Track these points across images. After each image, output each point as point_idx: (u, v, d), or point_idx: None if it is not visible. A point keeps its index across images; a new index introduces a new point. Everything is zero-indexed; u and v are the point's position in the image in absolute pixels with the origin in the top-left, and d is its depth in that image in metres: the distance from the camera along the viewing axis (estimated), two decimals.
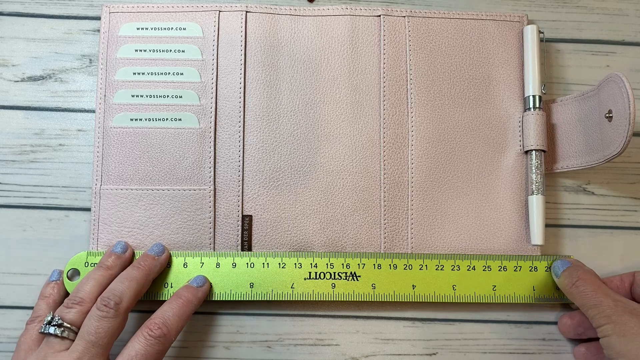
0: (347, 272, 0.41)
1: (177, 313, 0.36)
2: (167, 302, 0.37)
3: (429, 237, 0.42)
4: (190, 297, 0.37)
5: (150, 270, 0.38)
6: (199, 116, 0.42)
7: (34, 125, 0.43)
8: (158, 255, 0.39)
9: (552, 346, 0.42)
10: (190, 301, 0.37)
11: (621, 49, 0.46)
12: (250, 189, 0.42)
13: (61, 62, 0.44)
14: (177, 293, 0.38)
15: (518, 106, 0.44)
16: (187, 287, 0.38)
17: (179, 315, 0.36)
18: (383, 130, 0.43)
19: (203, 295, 0.38)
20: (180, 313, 0.36)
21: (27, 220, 0.42)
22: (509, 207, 0.42)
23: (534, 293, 0.41)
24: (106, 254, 0.39)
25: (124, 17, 0.43)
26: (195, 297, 0.38)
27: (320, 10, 0.44)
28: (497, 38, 0.44)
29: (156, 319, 0.35)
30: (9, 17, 0.44)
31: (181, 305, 0.37)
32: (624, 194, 0.44)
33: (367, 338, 0.42)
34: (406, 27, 0.44)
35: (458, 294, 0.41)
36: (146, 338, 0.34)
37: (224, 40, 0.43)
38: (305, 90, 0.43)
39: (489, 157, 0.43)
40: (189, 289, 0.38)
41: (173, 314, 0.36)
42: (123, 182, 0.41)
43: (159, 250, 0.39)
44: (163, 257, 0.39)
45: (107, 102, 0.42)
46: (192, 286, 0.38)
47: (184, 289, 0.38)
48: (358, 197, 0.42)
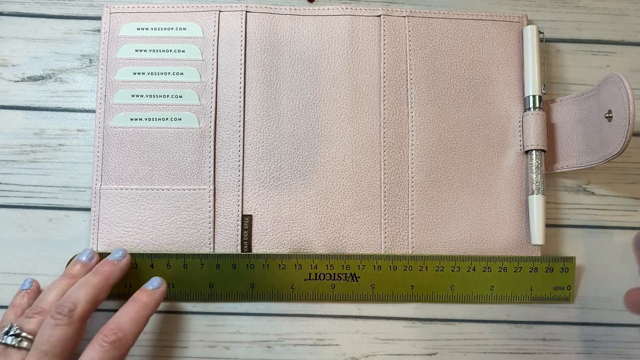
0: (347, 273, 0.41)
1: (132, 317, 0.35)
2: (122, 307, 0.36)
3: (430, 237, 0.42)
4: (146, 300, 0.37)
5: (109, 275, 0.37)
6: (199, 116, 0.42)
7: (34, 125, 0.43)
8: (118, 260, 0.38)
9: (552, 346, 0.42)
10: (146, 304, 0.36)
11: (621, 49, 0.46)
12: (250, 189, 0.42)
13: (61, 62, 0.44)
14: (132, 297, 0.37)
15: (518, 106, 0.44)
16: (143, 290, 0.38)
17: (135, 319, 0.35)
18: (383, 130, 0.43)
19: (160, 297, 0.38)
20: (136, 317, 0.35)
21: (27, 220, 0.42)
22: (509, 207, 0.42)
23: (531, 293, 0.41)
24: (72, 263, 0.39)
25: (124, 17, 0.43)
26: (152, 299, 0.37)
27: (320, 10, 0.44)
28: (497, 38, 0.44)
29: (111, 324, 0.35)
30: (9, 17, 0.44)
31: (137, 309, 0.36)
32: (624, 194, 0.44)
33: (367, 338, 0.42)
34: (406, 27, 0.44)
35: (456, 294, 0.41)
36: (101, 345, 0.33)
37: (224, 40, 0.43)
38: (305, 90, 0.43)
39: (489, 157, 0.43)
40: (145, 292, 0.37)
41: (128, 318, 0.35)
42: (123, 182, 0.41)
43: (119, 255, 0.39)
44: (123, 262, 0.38)
45: (107, 102, 0.42)
46: (147, 289, 0.38)
47: (140, 292, 0.37)
48: (358, 197, 0.42)
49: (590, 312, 0.43)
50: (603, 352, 0.42)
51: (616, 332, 0.43)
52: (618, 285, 0.43)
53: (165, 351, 0.41)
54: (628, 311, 0.38)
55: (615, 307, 0.43)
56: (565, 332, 0.42)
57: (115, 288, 0.40)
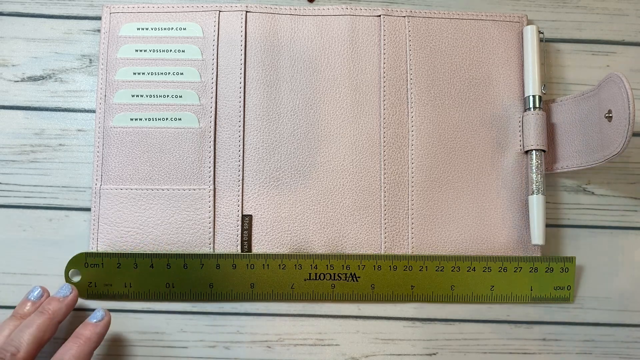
0: (347, 273, 0.41)
1: (75, 354, 0.35)
2: (64, 344, 0.36)
3: (430, 237, 0.42)
4: (88, 334, 0.36)
5: (55, 314, 0.36)
6: (199, 116, 0.42)
7: (34, 125, 0.43)
8: (64, 297, 0.38)
9: (552, 346, 0.42)
10: (89, 339, 0.36)
11: (621, 49, 0.46)
12: (250, 189, 0.42)
13: (61, 62, 0.44)
14: (75, 333, 0.36)
15: (518, 106, 0.44)
16: (85, 325, 0.37)
17: (77, 355, 0.35)
18: (383, 130, 0.43)
19: (103, 329, 0.37)
20: (79, 353, 0.35)
21: (27, 220, 0.42)
22: (509, 207, 0.42)
23: (531, 293, 0.41)
24: (21, 302, 0.38)
25: (124, 18, 0.43)
26: (94, 333, 0.36)
27: (320, 10, 0.44)
28: (497, 38, 0.44)
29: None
30: (9, 17, 0.44)
31: (79, 345, 0.35)
32: (624, 194, 0.44)
33: (367, 338, 0.42)
34: (406, 27, 0.44)
35: (456, 294, 0.41)
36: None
37: (224, 40, 0.43)
38: (305, 90, 0.43)
39: (489, 157, 0.43)
40: (87, 327, 0.37)
41: (70, 355, 0.35)
42: (123, 182, 0.41)
43: (65, 292, 0.38)
44: (70, 298, 0.38)
45: (107, 102, 0.42)
46: (90, 323, 0.37)
47: (82, 327, 0.37)
48: (358, 197, 0.42)
49: (590, 312, 0.43)
50: (603, 352, 0.42)
51: (616, 332, 0.43)
52: (618, 285, 0.43)
53: (165, 351, 0.41)
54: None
55: (615, 307, 0.43)
56: (565, 332, 0.42)
57: (115, 289, 0.40)
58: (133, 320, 0.41)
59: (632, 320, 0.43)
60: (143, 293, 0.40)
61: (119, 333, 0.41)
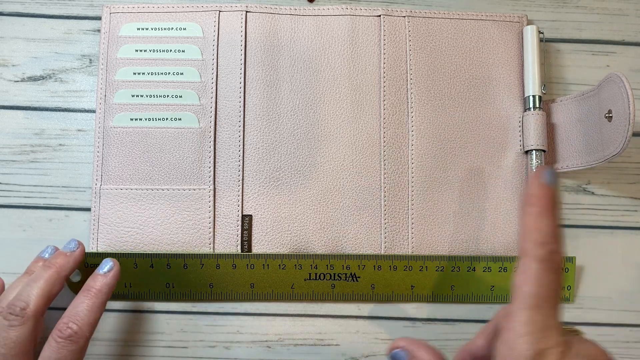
0: (347, 273, 0.41)
1: (87, 307, 0.34)
2: (76, 297, 0.35)
3: (430, 237, 0.42)
4: (99, 286, 0.35)
5: (62, 267, 0.36)
6: (199, 116, 0.42)
7: (34, 125, 0.43)
8: (71, 251, 0.37)
9: None
10: (100, 290, 0.35)
11: (621, 49, 0.46)
12: (250, 189, 0.42)
13: (61, 62, 0.44)
14: (85, 286, 0.36)
15: (518, 106, 0.44)
16: (94, 277, 0.36)
17: (90, 308, 0.34)
18: (383, 130, 0.43)
19: (113, 280, 0.36)
20: (91, 306, 0.34)
21: (27, 220, 0.42)
22: (509, 207, 0.42)
23: None
24: (34, 260, 0.38)
25: (124, 18, 0.43)
26: (104, 284, 0.36)
27: (320, 10, 0.44)
28: (497, 38, 0.44)
29: (64, 318, 0.34)
30: (9, 17, 0.44)
31: (91, 297, 0.35)
32: (624, 194, 0.44)
33: (367, 338, 0.42)
34: (406, 27, 0.44)
35: (456, 294, 0.41)
36: (57, 341, 0.33)
37: (224, 40, 0.43)
38: (305, 90, 0.43)
39: (489, 157, 0.43)
40: (97, 278, 0.36)
41: (82, 308, 0.34)
42: (123, 182, 0.41)
43: (72, 246, 0.37)
44: (77, 252, 0.37)
45: (107, 102, 0.42)
46: (99, 274, 0.36)
47: (92, 279, 0.36)
48: (358, 197, 0.42)
49: (590, 312, 0.43)
50: None
51: (616, 332, 0.43)
52: (618, 285, 0.43)
53: (165, 351, 0.41)
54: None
55: (615, 307, 0.43)
56: None
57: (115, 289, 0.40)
58: (133, 320, 0.41)
59: (632, 320, 0.43)
60: (143, 293, 0.40)
61: (119, 333, 0.41)
